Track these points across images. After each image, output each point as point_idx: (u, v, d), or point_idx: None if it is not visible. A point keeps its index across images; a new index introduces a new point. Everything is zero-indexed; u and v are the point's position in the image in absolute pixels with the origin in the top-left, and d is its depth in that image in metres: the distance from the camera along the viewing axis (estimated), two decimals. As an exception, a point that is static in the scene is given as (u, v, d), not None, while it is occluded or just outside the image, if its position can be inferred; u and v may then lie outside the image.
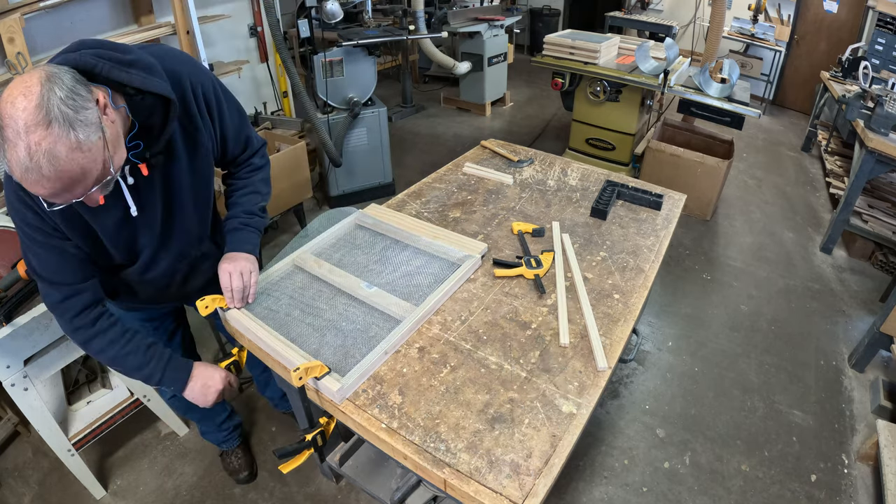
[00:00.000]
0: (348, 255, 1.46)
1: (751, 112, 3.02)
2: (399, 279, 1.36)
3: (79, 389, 1.85)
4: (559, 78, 3.65)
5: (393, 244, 1.50)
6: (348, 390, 1.05)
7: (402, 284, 1.34)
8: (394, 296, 1.28)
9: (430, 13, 4.81)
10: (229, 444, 1.87)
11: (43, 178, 0.80)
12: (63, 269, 1.07)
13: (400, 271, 1.39)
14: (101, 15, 2.50)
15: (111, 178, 0.90)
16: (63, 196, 0.86)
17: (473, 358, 1.14)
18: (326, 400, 1.06)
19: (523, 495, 0.86)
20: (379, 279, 1.36)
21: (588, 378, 1.09)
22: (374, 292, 1.29)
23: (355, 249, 1.49)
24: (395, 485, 1.55)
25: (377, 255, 1.46)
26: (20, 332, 1.37)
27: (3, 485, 1.84)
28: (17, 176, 0.81)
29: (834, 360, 2.41)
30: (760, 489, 1.84)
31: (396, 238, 1.52)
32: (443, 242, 1.46)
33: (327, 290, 1.33)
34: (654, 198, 1.70)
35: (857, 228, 3.03)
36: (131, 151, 0.99)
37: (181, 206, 1.20)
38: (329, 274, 1.35)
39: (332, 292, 1.32)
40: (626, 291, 1.33)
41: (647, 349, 2.44)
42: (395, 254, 1.46)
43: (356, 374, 1.06)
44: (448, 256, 1.44)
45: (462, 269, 1.37)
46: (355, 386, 1.07)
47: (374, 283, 1.32)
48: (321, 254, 1.46)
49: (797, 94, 5.54)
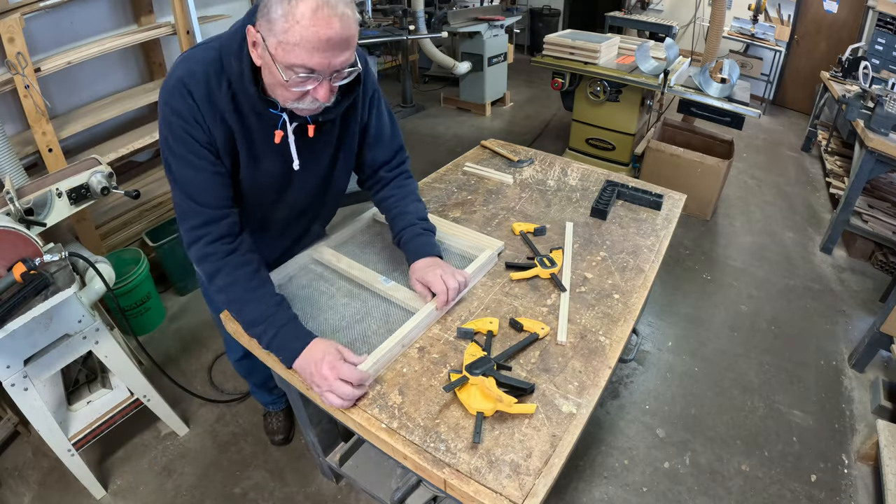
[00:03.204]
0: (366, 250, 1.47)
1: (751, 112, 3.02)
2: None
3: (79, 389, 1.85)
4: (559, 78, 3.65)
5: None
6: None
7: None
8: (412, 290, 1.28)
9: (430, 13, 4.82)
10: (275, 407, 1.96)
11: (333, 18, 0.86)
12: (213, 191, 1.06)
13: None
14: (101, 15, 2.50)
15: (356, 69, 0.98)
16: (333, 53, 0.90)
17: (473, 358, 1.13)
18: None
19: (523, 495, 0.86)
20: (397, 274, 1.36)
21: (588, 378, 1.09)
22: (393, 286, 1.29)
23: (373, 244, 1.50)
24: (395, 485, 1.55)
25: (395, 250, 1.46)
26: (20, 332, 1.36)
27: (3, 485, 1.84)
28: (307, 12, 0.85)
29: (834, 360, 2.41)
30: (760, 489, 1.84)
31: None
32: (460, 239, 1.47)
33: (346, 285, 1.33)
34: (654, 198, 1.70)
35: (857, 228, 3.03)
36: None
37: (323, 178, 1.26)
38: (347, 268, 1.36)
39: (350, 286, 1.33)
40: (626, 291, 1.33)
41: (647, 349, 2.44)
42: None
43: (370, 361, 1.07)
44: (465, 253, 1.46)
45: (481, 257, 1.38)
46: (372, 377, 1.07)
47: (391, 278, 1.33)
48: (339, 248, 1.47)
49: (797, 94, 5.54)
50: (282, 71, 0.91)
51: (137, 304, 2.38)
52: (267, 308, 1.07)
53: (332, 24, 0.86)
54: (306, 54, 0.88)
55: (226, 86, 1.02)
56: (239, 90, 1.02)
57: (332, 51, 0.90)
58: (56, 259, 1.47)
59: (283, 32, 0.87)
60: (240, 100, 1.03)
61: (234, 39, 1.00)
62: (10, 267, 1.37)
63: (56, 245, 1.60)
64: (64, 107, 2.42)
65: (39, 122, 2.06)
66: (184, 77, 1.00)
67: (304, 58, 0.89)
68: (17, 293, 1.36)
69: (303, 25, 0.85)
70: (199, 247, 1.07)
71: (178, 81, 1.00)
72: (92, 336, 1.57)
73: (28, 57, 1.97)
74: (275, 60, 0.91)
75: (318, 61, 0.90)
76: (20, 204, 1.51)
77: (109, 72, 2.61)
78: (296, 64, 0.90)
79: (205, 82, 1.01)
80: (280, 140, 1.07)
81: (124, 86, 2.69)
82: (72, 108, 2.44)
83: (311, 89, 0.95)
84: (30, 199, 1.55)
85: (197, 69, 1.01)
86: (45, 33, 2.26)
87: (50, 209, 1.61)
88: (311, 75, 0.92)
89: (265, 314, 1.07)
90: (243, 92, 1.02)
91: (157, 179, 2.78)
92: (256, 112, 1.05)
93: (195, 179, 1.05)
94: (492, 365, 1.06)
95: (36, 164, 2.24)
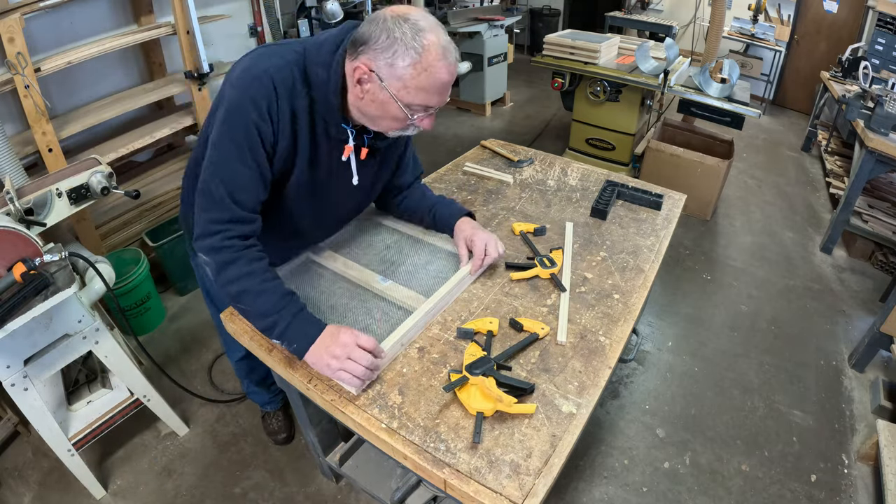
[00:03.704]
0: (363, 250, 1.47)
1: (751, 112, 3.02)
2: (413, 273, 1.37)
3: (79, 389, 1.85)
4: (559, 78, 3.65)
5: (407, 239, 1.51)
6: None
7: (418, 278, 1.35)
8: (409, 289, 1.29)
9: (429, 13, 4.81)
10: (273, 406, 1.97)
11: (452, 63, 0.99)
12: (253, 192, 1.06)
13: (415, 266, 1.40)
14: (101, 15, 2.50)
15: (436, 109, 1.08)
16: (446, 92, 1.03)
17: (473, 358, 1.13)
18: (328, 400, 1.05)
19: (523, 495, 0.86)
20: (394, 273, 1.36)
21: (588, 378, 1.09)
22: (390, 286, 1.30)
23: (370, 244, 1.50)
24: (395, 485, 1.55)
25: (392, 250, 1.47)
26: (20, 332, 1.36)
27: (3, 485, 1.85)
28: (435, 60, 0.96)
29: (834, 360, 2.41)
30: (760, 489, 1.84)
31: (410, 234, 1.53)
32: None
33: (343, 285, 1.33)
34: (654, 198, 1.70)
35: (857, 228, 3.03)
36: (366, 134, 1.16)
37: (360, 202, 1.39)
38: (344, 268, 1.36)
39: (347, 286, 1.33)
40: (626, 291, 1.33)
41: (647, 349, 2.44)
42: (410, 249, 1.47)
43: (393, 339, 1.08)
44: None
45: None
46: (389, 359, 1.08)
47: (388, 278, 1.33)
48: (336, 248, 1.47)
49: (797, 94, 5.54)
50: (403, 108, 1.01)
51: (137, 304, 2.38)
52: (282, 298, 1.06)
53: (451, 70, 1.00)
54: (429, 96, 1.01)
55: (306, 91, 1.04)
56: (320, 99, 1.05)
57: (446, 91, 1.03)
58: (56, 259, 1.47)
59: (410, 79, 0.97)
60: (317, 109, 1.06)
61: (323, 50, 1.04)
62: (10, 267, 1.37)
63: (56, 245, 1.60)
64: (64, 107, 2.42)
65: (39, 122, 2.06)
66: (271, 70, 1.01)
67: (427, 99, 1.01)
68: (17, 293, 1.36)
69: (429, 73, 0.97)
70: (216, 239, 1.04)
71: (264, 73, 1.00)
72: (92, 336, 1.57)
73: (28, 57, 1.96)
74: (396, 99, 1.00)
75: (436, 101, 1.03)
76: (20, 204, 1.51)
77: (109, 72, 2.61)
78: (418, 104, 1.01)
79: (291, 82, 1.02)
80: (347, 155, 1.14)
81: (124, 86, 2.69)
82: (72, 108, 2.44)
83: (419, 119, 1.06)
84: (30, 199, 1.55)
85: (284, 67, 1.02)
86: (45, 33, 2.26)
87: (50, 209, 1.61)
88: (427, 112, 1.05)
89: (281, 303, 1.06)
90: (324, 102, 1.05)
91: (158, 179, 2.78)
92: (329, 125, 1.09)
93: (242, 175, 1.04)
94: (492, 365, 1.06)
95: (36, 164, 2.24)
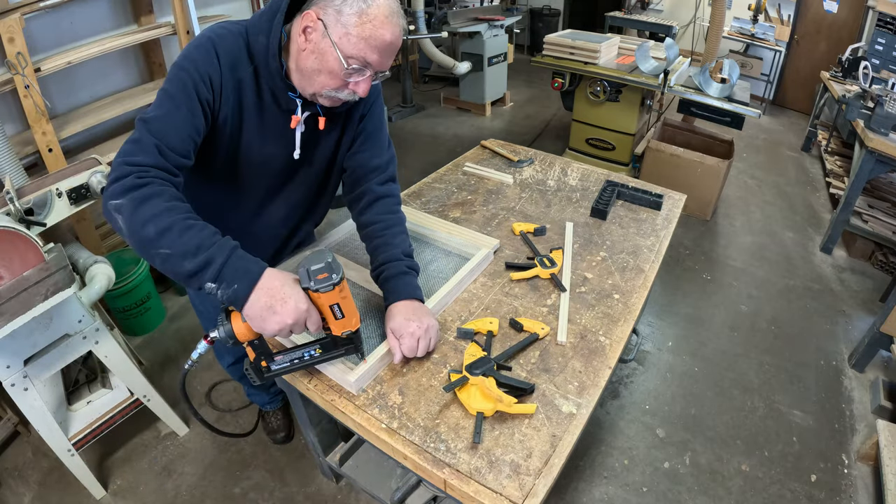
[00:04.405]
0: (363, 250, 1.46)
1: (751, 112, 3.02)
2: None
3: (79, 389, 1.85)
4: (559, 78, 3.65)
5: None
6: (366, 378, 1.06)
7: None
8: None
9: (430, 13, 4.82)
10: (272, 406, 1.97)
11: (396, 26, 0.99)
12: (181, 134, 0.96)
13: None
14: (101, 15, 2.50)
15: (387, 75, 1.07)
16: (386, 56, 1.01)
17: (473, 358, 1.13)
18: (328, 400, 1.05)
19: (523, 495, 0.86)
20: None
21: (588, 378, 1.09)
22: None
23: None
24: (395, 485, 1.55)
25: None
26: (20, 332, 1.36)
27: (3, 485, 1.84)
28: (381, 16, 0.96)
29: (834, 360, 2.41)
30: (760, 489, 1.84)
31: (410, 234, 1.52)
32: (456, 237, 1.48)
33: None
34: (654, 198, 1.70)
35: (857, 228, 3.03)
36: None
37: (325, 172, 1.28)
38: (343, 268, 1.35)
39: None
40: (626, 291, 1.33)
41: (647, 349, 2.44)
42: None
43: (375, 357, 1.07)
44: (461, 252, 1.46)
45: (476, 258, 1.38)
46: (375, 372, 1.08)
47: None
48: (335, 249, 1.47)
49: (797, 94, 5.54)
50: (342, 58, 0.98)
51: (137, 304, 2.38)
52: (212, 234, 0.91)
53: (395, 31, 0.99)
54: (369, 50, 0.98)
55: (249, 60, 1.05)
56: (262, 66, 1.05)
57: (387, 54, 1.01)
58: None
59: (353, 26, 0.95)
60: (261, 76, 1.06)
61: (263, 19, 1.04)
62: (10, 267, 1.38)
63: (56, 245, 1.60)
64: (64, 107, 2.42)
65: (39, 122, 2.06)
66: (214, 37, 1.02)
67: (366, 52, 0.98)
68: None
69: (374, 25, 0.96)
70: (132, 178, 0.88)
71: (207, 40, 1.02)
72: (92, 336, 1.57)
73: (28, 57, 1.97)
74: (336, 47, 0.97)
75: (375, 59, 1.00)
76: (20, 204, 1.51)
77: (109, 72, 2.61)
78: (356, 56, 0.98)
79: (236, 52, 1.03)
80: (295, 125, 1.11)
81: (124, 86, 2.69)
82: (72, 108, 2.44)
83: (354, 82, 1.02)
84: (30, 199, 1.56)
85: (228, 35, 1.03)
86: (45, 33, 2.26)
87: (50, 209, 1.61)
88: (363, 69, 1.00)
89: (211, 239, 0.90)
90: (265, 67, 1.04)
91: (157, 179, 2.78)
92: (277, 95, 1.08)
93: (170, 116, 0.96)
94: (492, 365, 1.06)
95: (36, 164, 2.24)
